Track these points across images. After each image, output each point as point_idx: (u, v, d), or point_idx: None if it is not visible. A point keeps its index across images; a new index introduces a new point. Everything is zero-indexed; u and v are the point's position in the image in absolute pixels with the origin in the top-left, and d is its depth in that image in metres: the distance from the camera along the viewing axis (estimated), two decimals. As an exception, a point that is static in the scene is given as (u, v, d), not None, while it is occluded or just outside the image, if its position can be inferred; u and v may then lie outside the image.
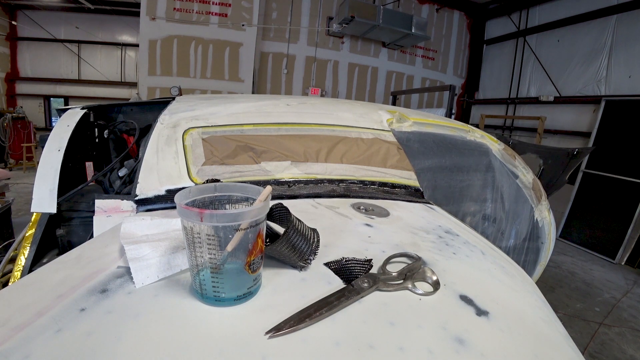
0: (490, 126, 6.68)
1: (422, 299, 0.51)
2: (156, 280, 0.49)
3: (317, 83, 6.59)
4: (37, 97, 7.96)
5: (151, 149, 0.95)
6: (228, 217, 0.42)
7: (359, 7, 5.57)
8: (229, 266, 0.44)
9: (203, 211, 0.40)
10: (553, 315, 0.55)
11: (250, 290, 0.46)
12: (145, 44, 5.23)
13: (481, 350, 0.41)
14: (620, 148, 4.50)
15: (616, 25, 4.89)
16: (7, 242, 1.94)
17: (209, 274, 0.44)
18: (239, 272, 0.45)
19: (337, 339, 0.40)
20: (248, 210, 0.42)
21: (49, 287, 0.46)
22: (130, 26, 7.66)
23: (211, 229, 0.42)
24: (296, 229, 0.56)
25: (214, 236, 0.42)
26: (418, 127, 1.35)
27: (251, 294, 0.47)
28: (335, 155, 1.09)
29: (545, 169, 2.31)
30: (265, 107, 1.23)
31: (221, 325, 0.41)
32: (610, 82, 4.96)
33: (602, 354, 2.37)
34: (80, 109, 1.78)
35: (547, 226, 1.49)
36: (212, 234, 0.42)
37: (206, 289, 0.44)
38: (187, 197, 0.48)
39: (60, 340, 0.37)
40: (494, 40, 7.31)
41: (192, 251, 0.44)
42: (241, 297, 0.45)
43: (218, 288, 0.44)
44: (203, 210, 0.40)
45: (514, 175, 1.45)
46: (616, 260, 4.23)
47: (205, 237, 0.42)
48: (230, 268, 0.44)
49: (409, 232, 0.74)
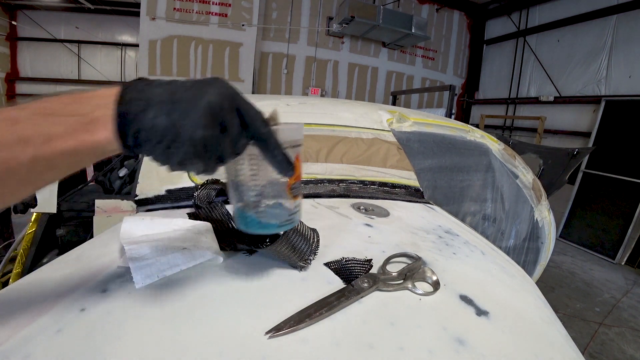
0: (490, 126, 6.68)
1: (422, 299, 0.51)
2: (156, 280, 0.49)
3: (317, 83, 6.59)
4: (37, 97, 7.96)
5: (151, 149, 0.95)
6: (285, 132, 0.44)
7: (359, 7, 5.57)
8: None
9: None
10: (553, 315, 0.55)
11: (292, 217, 0.47)
12: (145, 44, 5.23)
13: (481, 351, 0.41)
14: (620, 148, 4.50)
15: (616, 25, 4.89)
16: (7, 242, 1.94)
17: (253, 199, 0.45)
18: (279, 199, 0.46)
19: (337, 339, 0.40)
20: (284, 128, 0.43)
21: (49, 287, 0.45)
22: (130, 26, 7.66)
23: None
24: (296, 229, 0.56)
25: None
26: (418, 127, 1.35)
27: (292, 222, 0.48)
28: (335, 155, 1.09)
29: (545, 169, 2.31)
30: (265, 107, 1.22)
31: (221, 325, 0.41)
32: (610, 82, 4.96)
33: (602, 354, 2.37)
34: (80, 109, 1.78)
35: (547, 226, 1.49)
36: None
37: (248, 214, 0.46)
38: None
39: (60, 340, 0.37)
40: (494, 40, 7.30)
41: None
42: (283, 223, 0.47)
43: (264, 214, 0.45)
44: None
45: (514, 175, 1.45)
46: (616, 260, 4.23)
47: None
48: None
49: (409, 232, 0.74)
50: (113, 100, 0.32)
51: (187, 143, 0.33)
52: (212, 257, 0.52)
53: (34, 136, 0.30)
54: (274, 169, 0.41)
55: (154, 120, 0.32)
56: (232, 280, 0.51)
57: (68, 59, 8.09)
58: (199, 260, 0.50)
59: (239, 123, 0.37)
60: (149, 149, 0.34)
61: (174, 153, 0.34)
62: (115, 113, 0.32)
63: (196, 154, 0.34)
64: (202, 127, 0.33)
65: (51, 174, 0.33)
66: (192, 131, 0.33)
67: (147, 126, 0.32)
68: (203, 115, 0.33)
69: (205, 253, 0.51)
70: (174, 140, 0.33)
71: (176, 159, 0.34)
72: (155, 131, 0.32)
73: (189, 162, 0.35)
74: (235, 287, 0.49)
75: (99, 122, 0.32)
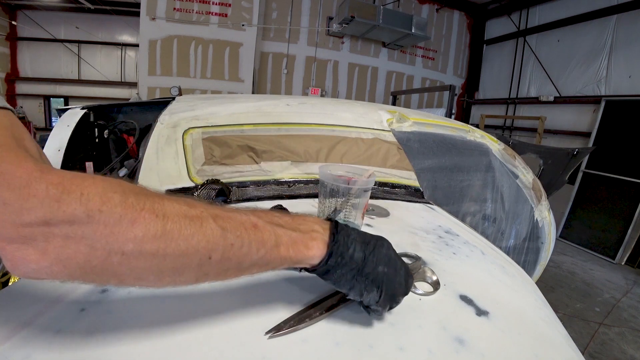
0: (490, 126, 6.67)
1: (422, 299, 0.51)
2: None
3: (317, 83, 6.58)
4: (37, 97, 7.93)
5: (151, 149, 0.95)
6: (361, 183, 0.65)
7: (359, 7, 5.57)
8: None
9: (350, 179, 0.66)
10: (553, 315, 0.55)
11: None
12: (145, 44, 5.23)
13: (481, 351, 0.41)
14: (620, 148, 4.50)
15: (616, 25, 4.89)
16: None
17: (340, 221, 0.57)
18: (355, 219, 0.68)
19: (337, 339, 0.41)
20: (365, 180, 0.66)
21: (49, 287, 0.46)
22: (130, 26, 7.65)
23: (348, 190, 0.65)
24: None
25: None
26: (418, 127, 1.35)
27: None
28: (335, 155, 1.09)
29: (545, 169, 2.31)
30: (265, 107, 1.23)
31: (221, 325, 0.41)
32: (610, 82, 4.96)
33: (602, 354, 2.37)
34: (80, 109, 1.78)
35: (547, 226, 1.49)
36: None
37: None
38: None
39: (60, 340, 0.37)
40: (494, 40, 7.30)
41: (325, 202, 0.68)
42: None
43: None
44: (350, 178, 0.66)
45: (514, 175, 1.45)
46: (616, 260, 4.23)
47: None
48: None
49: (409, 232, 0.74)
50: (328, 227, 0.43)
51: (367, 275, 0.42)
52: None
53: (269, 241, 0.37)
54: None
55: (354, 252, 0.41)
56: (232, 280, 0.51)
57: (68, 59, 8.09)
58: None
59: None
60: (342, 273, 0.41)
61: (358, 282, 0.42)
62: (330, 235, 0.41)
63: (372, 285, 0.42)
64: (383, 264, 0.42)
65: (255, 270, 0.39)
66: (375, 267, 0.42)
67: (349, 254, 0.41)
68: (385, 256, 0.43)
69: None
70: (359, 271, 0.41)
71: (358, 289, 0.42)
72: (352, 259, 0.41)
73: (367, 291, 0.42)
74: (235, 287, 0.49)
75: (316, 240, 0.40)
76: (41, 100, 8.09)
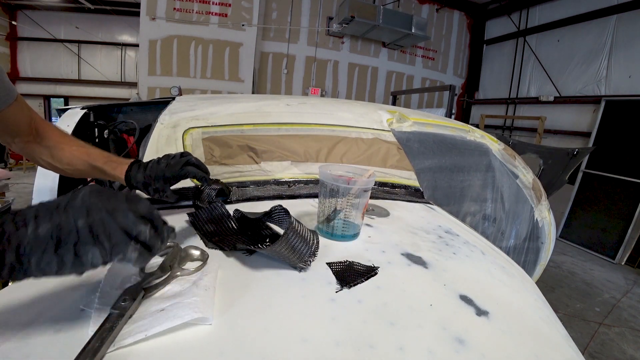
0: (490, 126, 6.67)
1: (423, 299, 0.51)
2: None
3: (317, 83, 6.58)
4: (37, 97, 7.94)
5: (151, 149, 0.95)
6: (361, 183, 0.66)
7: (359, 7, 5.57)
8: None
9: (350, 179, 0.66)
10: (553, 315, 0.55)
11: (358, 232, 0.69)
12: (145, 44, 5.23)
13: (481, 350, 0.41)
14: (620, 148, 4.50)
15: (616, 25, 4.89)
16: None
17: (340, 221, 0.67)
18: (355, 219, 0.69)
19: (337, 339, 0.40)
20: (365, 180, 0.67)
21: (49, 287, 0.46)
22: (130, 26, 7.65)
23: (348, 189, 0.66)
24: (295, 230, 0.56)
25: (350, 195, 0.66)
26: (418, 127, 1.35)
27: (358, 235, 0.69)
28: (335, 155, 1.09)
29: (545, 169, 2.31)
30: (265, 107, 1.23)
31: (221, 325, 0.41)
32: (610, 82, 4.96)
33: (602, 354, 2.37)
34: (80, 109, 1.78)
35: (547, 226, 1.49)
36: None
37: (337, 229, 0.67)
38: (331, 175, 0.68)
39: (60, 340, 0.37)
40: (494, 40, 7.30)
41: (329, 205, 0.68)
42: (355, 234, 0.68)
43: (345, 228, 0.67)
44: (350, 178, 0.67)
45: (514, 175, 1.45)
46: (616, 260, 4.23)
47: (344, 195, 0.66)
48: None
49: (409, 232, 0.74)
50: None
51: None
52: (197, 316, 0.40)
53: (102, 166, 0.75)
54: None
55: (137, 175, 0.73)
56: (232, 280, 0.51)
57: (68, 59, 8.08)
58: (176, 322, 0.39)
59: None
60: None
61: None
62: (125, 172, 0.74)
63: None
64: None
65: (96, 174, 0.77)
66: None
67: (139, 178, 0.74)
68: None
69: (188, 313, 0.40)
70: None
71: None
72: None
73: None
74: (234, 287, 0.49)
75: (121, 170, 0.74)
76: (41, 100, 8.09)
